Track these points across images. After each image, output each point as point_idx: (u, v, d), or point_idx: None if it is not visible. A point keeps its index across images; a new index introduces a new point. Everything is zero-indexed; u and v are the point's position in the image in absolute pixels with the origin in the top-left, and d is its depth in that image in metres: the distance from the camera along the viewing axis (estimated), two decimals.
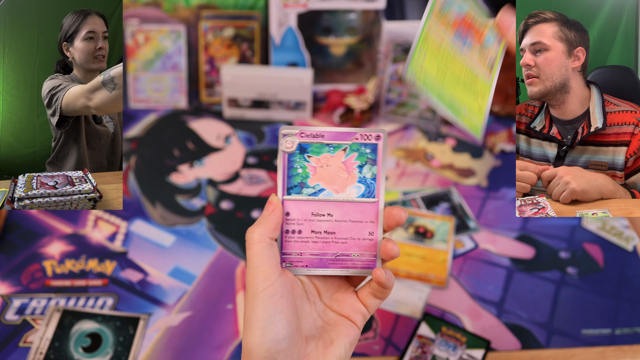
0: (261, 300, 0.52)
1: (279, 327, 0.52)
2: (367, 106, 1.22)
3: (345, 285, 0.60)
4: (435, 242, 1.00)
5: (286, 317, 0.53)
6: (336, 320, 0.58)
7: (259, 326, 0.52)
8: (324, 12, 1.21)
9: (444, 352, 0.86)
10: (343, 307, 0.58)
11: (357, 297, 0.58)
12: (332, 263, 0.58)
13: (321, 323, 0.58)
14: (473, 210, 1.06)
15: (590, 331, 0.90)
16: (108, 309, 0.90)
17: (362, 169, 0.57)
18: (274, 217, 0.55)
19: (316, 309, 0.58)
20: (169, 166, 1.13)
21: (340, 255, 0.58)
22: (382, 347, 0.87)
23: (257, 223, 0.55)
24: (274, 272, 0.53)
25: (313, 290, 0.59)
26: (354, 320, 0.57)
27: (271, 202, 0.56)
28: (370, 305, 0.58)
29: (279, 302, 0.53)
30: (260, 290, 0.53)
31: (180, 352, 0.86)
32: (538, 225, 1.04)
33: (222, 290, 0.94)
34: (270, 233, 0.55)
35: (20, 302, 0.90)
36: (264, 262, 0.53)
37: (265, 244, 0.54)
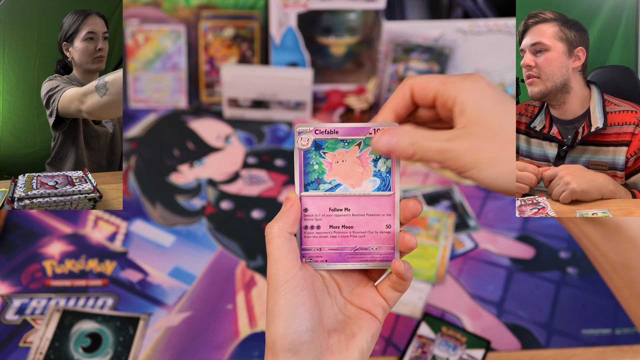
0: (283, 293, 0.53)
1: (301, 319, 0.53)
2: (367, 106, 1.22)
3: (365, 280, 0.60)
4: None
5: (308, 309, 0.53)
6: (357, 314, 0.58)
7: (282, 318, 0.52)
8: (324, 12, 1.21)
9: (444, 352, 0.86)
10: (364, 301, 0.59)
11: (377, 291, 0.59)
12: (351, 257, 0.59)
13: (342, 317, 0.58)
14: (473, 210, 1.06)
15: (590, 331, 0.90)
16: (108, 309, 0.90)
17: (376, 163, 0.58)
18: (292, 212, 0.56)
19: (337, 303, 0.59)
20: (169, 166, 1.13)
21: (358, 249, 0.58)
22: (382, 347, 0.87)
23: (276, 218, 0.56)
24: (295, 265, 0.54)
25: (333, 285, 0.60)
26: (374, 313, 0.58)
27: (289, 198, 0.57)
28: (390, 298, 0.58)
29: (300, 294, 0.53)
30: (282, 282, 0.53)
31: (180, 352, 0.86)
32: (538, 225, 1.04)
33: (222, 290, 0.94)
34: (289, 227, 0.55)
35: (20, 302, 0.90)
36: (284, 256, 0.54)
37: (285, 238, 0.55)
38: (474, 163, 0.52)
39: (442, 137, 0.54)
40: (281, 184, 1.10)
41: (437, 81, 0.56)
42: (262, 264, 0.97)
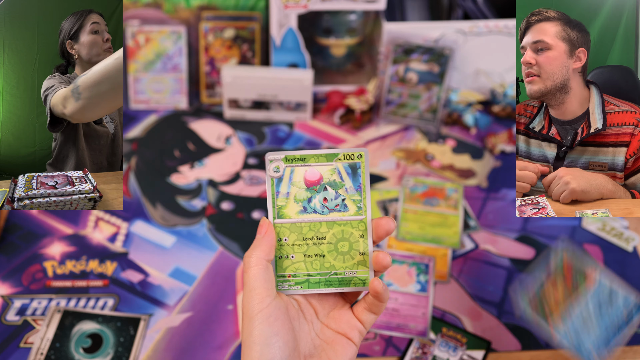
0: (257, 323, 0.54)
1: (275, 349, 0.53)
2: (368, 107, 1.22)
3: (340, 303, 0.61)
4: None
5: (282, 339, 0.54)
6: (333, 338, 0.58)
7: (256, 349, 0.53)
8: (324, 13, 1.21)
9: (445, 352, 0.86)
10: (340, 324, 0.59)
11: (353, 314, 0.59)
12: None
13: (319, 342, 0.58)
14: (473, 211, 1.06)
15: None
16: (109, 309, 0.90)
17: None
18: (267, 239, 0.57)
19: (314, 328, 0.59)
20: (170, 167, 1.13)
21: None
22: (382, 347, 0.87)
23: (253, 247, 0.57)
24: (269, 295, 0.55)
25: (310, 309, 0.60)
26: (350, 337, 0.58)
27: (262, 224, 0.57)
28: (365, 321, 0.59)
29: (274, 324, 0.54)
30: (255, 312, 0.54)
31: (181, 353, 0.86)
32: (538, 226, 1.04)
33: (222, 290, 0.94)
34: (266, 255, 0.56)
35: (21, 303, 0.90)
36: (260, 285, 0.55)
37: (262, 267, 0.55)
38: None
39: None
40: None
41: None
42: None
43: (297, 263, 0.58)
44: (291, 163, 0.58)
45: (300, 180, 0.58)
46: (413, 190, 1.07)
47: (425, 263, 0.96)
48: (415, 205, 1.05)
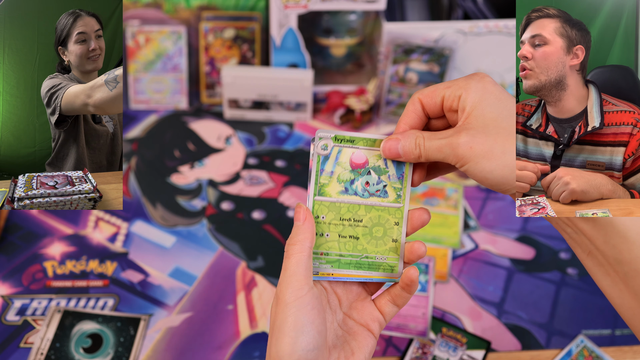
0: (294, 310, 0.53)
1: (309, 337, 0.53)
2: (368, 107, 1.22)
3: (363, 294, 0.61)
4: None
5: (317, 328, 0.53)
6: (355, 329, 0.58)
7: (290, 335, 0.52)
8: (324, 13, 1.21)
9: (445, 353, 0.86)
10: (362, 315, 0.59)
11: (375, 305, 0.59)
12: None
13: (341, 332, 0.58)
14: (473, 211, 1.06)
15: (590, 332, 0.90)
16: (109, 309, 0.90)
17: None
18: (309, 227, 0.56)
19: (336, 318, 0.59)
20: (170, 167, 1.13)
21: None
22: (382, 347, 0.87)
23: (295, 233, 0.56)
24: (307, 284, 0.54)
25: (335, 299, 0.60)
26: (371, 329, 0.58)
27: (299, 211, 0.57)
28: (387, 313, 0.59)
29: (310, 312, 0.53)
30: (292, 299, 0.53)
31: (181, 353, 0.86)
32: (538, 226, 1.04)
33: (222, 291, 0.94)
34: (310, 243, 0.56)
35: (21, 303, 0.91)
36: (301, 272, 0.54)
37: (306, 254, 0.55)
38: (469, 156, 0.53)
39: (443, 135, 0.54)
40: (281, 184, 1.10)
41: (442, 87, 0.57)
42: (262, 265, 0.97)
43: (331, 242, 0.58)
44: (340, 143, 0.58)
45: (346, 161, 0.58)
46: (413, 190, 1.07)
47: (425, 263, 0.96)
48: (416, 205, 1.04)
